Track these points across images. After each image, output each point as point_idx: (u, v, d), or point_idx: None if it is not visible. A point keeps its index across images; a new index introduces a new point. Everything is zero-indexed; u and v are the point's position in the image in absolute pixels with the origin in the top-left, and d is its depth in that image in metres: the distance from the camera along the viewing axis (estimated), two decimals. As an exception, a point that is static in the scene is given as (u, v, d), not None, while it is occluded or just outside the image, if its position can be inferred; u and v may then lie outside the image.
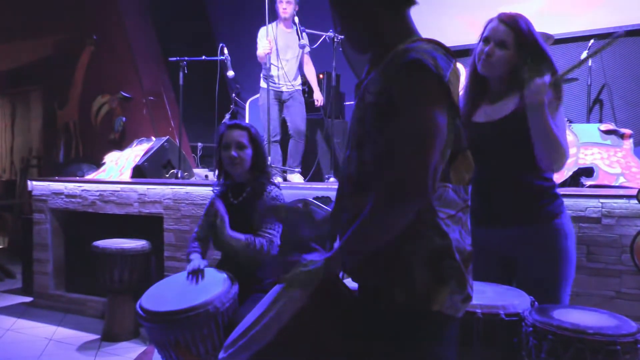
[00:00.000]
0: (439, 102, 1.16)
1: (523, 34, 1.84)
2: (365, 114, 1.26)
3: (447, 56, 1.22)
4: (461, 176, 1.27)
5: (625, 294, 2.38)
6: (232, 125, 2.48)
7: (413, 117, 1.15)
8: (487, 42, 1.88)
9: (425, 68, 1.15)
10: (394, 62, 1.21)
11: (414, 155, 1.14)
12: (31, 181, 4.67)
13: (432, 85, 1.16)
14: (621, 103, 4.49)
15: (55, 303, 4.45)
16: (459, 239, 1.24)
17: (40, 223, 4.55)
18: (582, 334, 1.51)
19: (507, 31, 1.84)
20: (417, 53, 1.17)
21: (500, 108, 1.91)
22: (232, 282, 2.23)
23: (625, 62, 4.49)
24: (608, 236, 2.42)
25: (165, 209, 3.84)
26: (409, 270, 1.21)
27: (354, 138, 1.31)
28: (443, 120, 1.17)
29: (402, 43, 1.25)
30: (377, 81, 1.25)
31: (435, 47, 1.22)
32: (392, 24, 1.29)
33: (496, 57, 1.86)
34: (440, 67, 1.16)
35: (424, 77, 1.16)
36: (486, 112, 1.94)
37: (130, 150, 4.80)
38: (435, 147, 1.15)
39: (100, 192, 4.21)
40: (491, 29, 1.88)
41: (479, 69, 1.92)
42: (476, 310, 1.65)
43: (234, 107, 5.54)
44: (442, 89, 1.16)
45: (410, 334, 1.22)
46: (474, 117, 1.95)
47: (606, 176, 2.81)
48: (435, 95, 1.16)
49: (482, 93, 1.97)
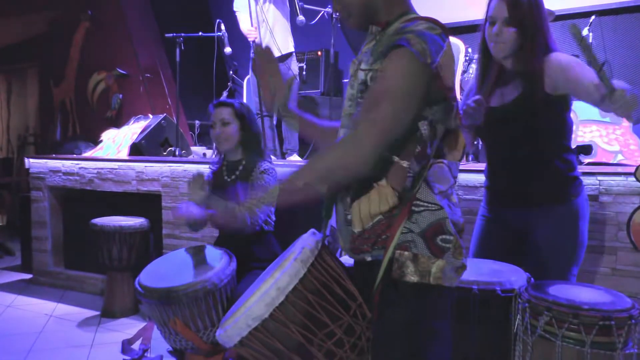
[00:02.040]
0: (421, 82, 1.18)
1: (523, 7, 1.80)
2: (357, 93, 1.28)
3: (442, 36, 1.21)
4: (453, 153, 1.29)
5: (621, 270, 2.39)
6: (217, 104, 2.50)
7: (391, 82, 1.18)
8: (493, 22, 1.84)
9: (409, 55, 1.16)
10: (385, 42, 1.22)
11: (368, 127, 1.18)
12: (28, 159, 4.65)
13: (415, 66, 1.16)
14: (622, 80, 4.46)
15: (54, 280, 4.47)
16: (451, 212, 1.26)
17: (38, 201, 4.55)
18: (577, 309, 1.52)
19: (510, 7, 1.80)
20: (406, 37, 1.17)
21: (512, 89, 1.88)
22: (230, 259, 2.24)
23: (627, 39, 4.43)
24: (605, 213, 2.42)
25: (164, 186, 3.84)
26: (406, 245, 1.22)
27: (348, 116, 1.32)
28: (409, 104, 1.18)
29: (398, 21, 1.25)
30: (368, 59, 1.26)
31: (430, 27, 1.20)
32: (389, 3, 1.28)
33: (505, 36, 1.82)
34: (428, 53, 1.16)
35: (407, 63, 1.16)
36: (500, 94, 1.92)
37: (128, 128, 4.77)
38: (388, 128, 1.17)
39: (98, 169, 4.19)
40: (494, 7, 1.84)
41: (493, 52, 1.88)
42: (472, 286, 1.66)
43: (232, 84, 5.48)
44: (426, 76, 1.17)
45: (408, 308, 1.24)
46: (489, 102, 1.92)
47: (605, 154, 2.81)
48: (418, 75, 1.17)
49: (496, 76, 1.93)
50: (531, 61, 1.81)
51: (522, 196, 1.91)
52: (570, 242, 1.89)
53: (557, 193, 1.88)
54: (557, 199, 1.88)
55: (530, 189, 1.89)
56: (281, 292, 1.20)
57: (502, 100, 1.90)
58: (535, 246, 1.93)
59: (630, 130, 2.96)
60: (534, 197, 1.89)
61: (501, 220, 1.98)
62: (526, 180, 1.89)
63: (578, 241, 1.90)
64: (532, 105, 1.82)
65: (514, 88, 1.88)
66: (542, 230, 1.90)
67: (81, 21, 6.67)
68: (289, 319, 1.22)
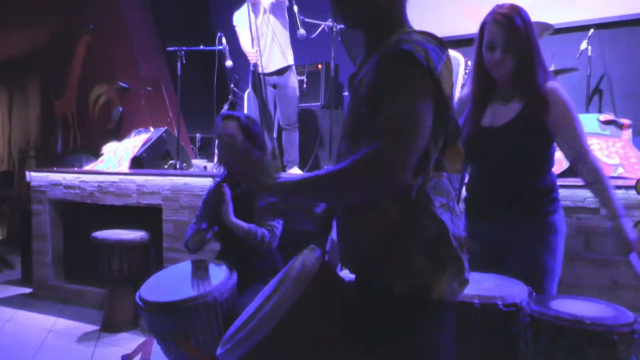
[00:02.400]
0: (425, 94, 1.16)
1: (520, 32, 1.82)
2: (360, 107, 1.26)
3: (440, 48, 1.21)
4: (454, 165, 1.28)
5: (622, 284, 2.38)
6: (224, 117, 2.52)
7: (398, 105, 1.15)
8: (493, 49, 1.86)
9: (415, 60, 1.15)
10: (386, 53, 1.21)
11: (395, 141, 1.13)
12: (29, 172, 4.66)
13: (420, 77, 1.15)
14: (620, 93, 4.48)
15: (54, 294, 4.45)
16: (452, 225, 1.25)
17: (39, 214, 4.54)
18: (579, 324, 1.51)
19: (507, 33, 1.83)
20: (409, 44, 1.17)
21: (505, 111, 1.91)
22: (231, 273, 2.24)
23: (625, 53, 4.46)
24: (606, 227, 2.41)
25: (164, 199, 3.84)
26: (407, 260, 1.21)
27: (349, 131, 1.31)
28: (428, 112, 1.16)
29: (395, 34, 1.25)
30: (370, 73, 1.24)
31: (427, 39, 1.21)
32: (387, 14, 1.29)
33: (505, 60, 1.86)
34: (431, 60, 1.16)
35: (413, 69, 1.15)
36: (493, 114, 1.94)
37: (129, 141, 4.78)
38: (416, 139, 1.14)
39: (99, 183, 4.20)
40: (491, 33, 1.86)
41: (494, 75, 1.91)
42: (474, 300, 1.65)
43: (232, 97, 5.51)
44: (432, 82, 1.16)
45: (410, 323, 1.23)
46: (480, 120, 1.95)
47: (605, 167, 2.80)
48: (423, 87, 1.16)
49: (488, 91, 1.96)
50: (534, 86, 1.85)
51: (502, 213, 1.93)
52: (548, 257, 1.91)
53: (535, 210, 1.91)
54: (534, 216, 1.91)
55: (510, 206, 1.91)
56: (281, 311, 1.19)
57: (495, 119, 1.93)
58: (514, 261, 1.94)
59: (631, 143, 2.96)
60: (513, 213, 1.92)
61: (481, 234, 1.99)
62: (507, 198, 1.91)
63: (553, 254, 1.91)
64: (526, 130, 1.86)
65: (510, 109, 1.90)
66: (521, 246, 1.91)
67: (83, 34, 6.72)
68: (289, 338, 1.21)
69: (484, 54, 1.90)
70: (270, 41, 4.35)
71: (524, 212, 1.91)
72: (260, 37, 4.28)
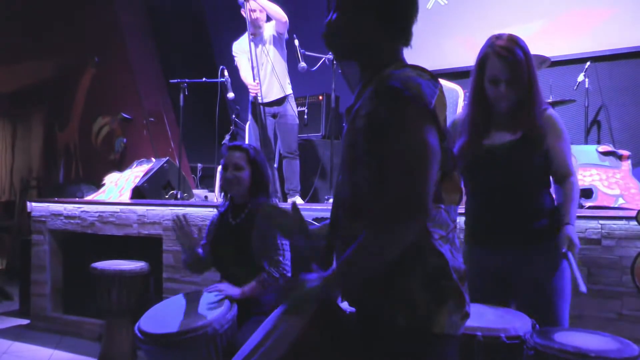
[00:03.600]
0: (427, 124, 1.18)
1: (522, 64, 1.86)
2: (357, 139, 1.26)
3: (433, 82, 1.23)
4: (451, 197, 1.28)
5: (627, 316, 2.36)
6: (231, 147, 2.51)
7: (405, 140, 1.16)
8: (497, 82, 1.89)
9: (403, 94, 1.17)
10: (379, 88, 1.23)
11: (410, 178, 1.15)
12: (30, 202, 4.66)
13: (415, 109, 1.17)
14: (618, 125, 4.52)
15: (52, 325, 4.40)
16: (452, 258, 1.24)
17: (38, 244, 4.53)
18: (584, 358, 1.49)
19: (510, 66, 1.85)
20: (399, 79, 1.19)
21: (505, 134, 1.94)
22: (231, 304, 2.22)
23: (622, 85, 4.52)
24: (609, 258, 2.41)
25: (165, 230, 3.83)
26: (408, 294, 1.20)
27: (346, 162, 1.31)
28: (435, 140, 1.18)
29: (389, 67, 1.27)
30: (365, 105, 1.26)
31: (420, 74, 1.23)
32: (378, 48, 1.31)
33: (509, 94, 1.90)
34: (424, 94, 1.18)
35: (406, 102, 1.17)
36: (493, 136, 1.96)
37: (130, 171, 4.80)
38: (430, 169, 1.16)
39: (100, 213, 4.20)
40: (494, 67, 1.88)
41: (498, 108, 1.94)
42: (477, 333, 1.64)
43: (234, 128, 5.56)
44: (426, 113, 1.18)
45: (411, 357, 1.21)
46: (480, 142, 1.97)
47: (605, 197, 2.81)
48: (421, 118, 1.18)
49: (486, 117, 1.99)
50: (533, 117, 1.89)
51: (506, 236, 1.92)
52: (558, 280, 1.90)
53: (537, 233, 1.91)
54: (538, 239, 1.90)
55: (514, 227, 1.91)
56: (283, 345, 1.18)
57: (498, 140, 1.95)
58: (522, 287, 1.93)
59: (630, 174, 2.97)
60: (517, 236, 1.91)
61: (483, 260, 1.98)
62: (510, 219, 1.91)
63: (565, 277, 1.91)
64: (527, 149, 1.89)
65: (509, 133, 1.93)
66: (528, 272, 1.91)
67: (88, 67, 6.82)
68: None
69: (488, 88, 1.92)
70: (270, 72, 4.43)
71: (529, 234, 1.90)
72: (259, 67, 4.35)
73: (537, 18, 4.72)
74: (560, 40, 4.60)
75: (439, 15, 5.17)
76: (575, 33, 4.62)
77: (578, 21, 4.60)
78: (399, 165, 1.16)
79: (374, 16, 1.28)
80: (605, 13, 4.53)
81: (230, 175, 2.43)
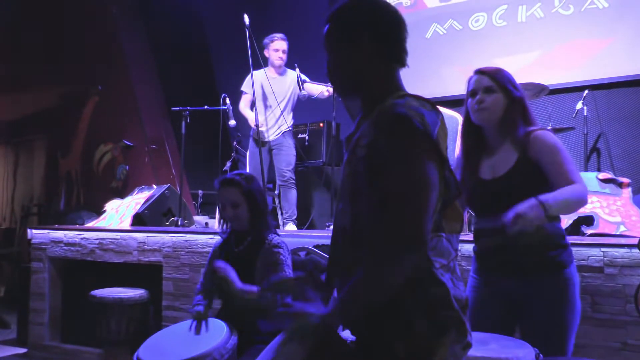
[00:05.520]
0: (428, 155, 1.18)
1: (504, 80, 1.93)
2: (357, 168, 1.27)
3: (435, 112, 1.24)
4: (452, 226, 1.28)
5: (631, 345, 2.33)
6: (223, 183, 2.45)
7: (405, 171, 1.17)
8: (475, 94, 1.96)
9: (410, 122, 1.17)
10: (382, 117, 1.23)
11: (408, 210, 1.15)
12: (31, 229, 4.65)
13: (419, 139, 1.18)
14: (617, 152, 4.54)
15: (49, 354, 4.34)
16: (453, 287, 1.24)
17: (38, 272, 4.50)
18: (589, 388, 1.47)
19: (489, 78, 1.94)
20: (404, 108, 1.20)
21: (501, 162, 1.94)
22: (232, 333, 2.20)
23: (620, 112, 4.56)
24: (612, 286, 2.39)
25: (165, 257, 3.82)
26: (408, 323, 1.19)
27: (346, 191, 1.31)
28: (434, 173, 1.19)
29: (389, 97, 1.28)
30: (367, 135, 1.26)
31: (422, 104, 1.24)
32: (382, 78, 1.32)
33: (487, 102, 1.93)
34: (427, 124, 1.19)
35: (411, 132, 1.18)
36: (489, 166, 1.98)
37: (131, 198, 4.81)
38: (429, 200, 1.16)
39: (100, 240, 4.19)
40: (474, 82, 1.97)
41: (474, 119, 1.98)
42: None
43: (235, 155, 5.59)
44: (430, 143, 1.19)
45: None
46: (479, 174, 1.99)
47: (607, 225, 2.81)
48: (424, 149, 1.18)
49: (480, 146, 2.01)
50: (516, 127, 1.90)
51: (515, 266, 1.91)
52: (566, 310, 1.89)
53: (550, 262, 1.89)
54: (550, 269, 1.89)
55: (523, 259, 1.89)
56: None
57: (494, 172, 1.95)
58: (531, 317, 1.92)
59: (631, 202, 2.97)
60: (526, 267, 1.90)
61: (492, 289, 1.97)
62: (518, 251, 1.89)
63: (573, 309, 1.89)
64: (527, 175, 1.87)
65: (507, 160, 1.93)
66: (539, 301, 1.89)
67: (91, 95, 6.89)
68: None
69: (468, 104, 1.98)
70: (278, 115, 4.61)
71: (539, 265, 1.89)
72: (267, 108, 4.51)
73: (535, 47, 4.79)
74: (558, 69, 4.66)
75: (438, 44, 5.25)
76: (573, 62, 4.69)
77: (576, 50, 4.67)
78: (398, 196, 1.16)
79: (367, 38, 1.30)
80: (602, 43, 4.60)
81: (229, 214, 2.42)
